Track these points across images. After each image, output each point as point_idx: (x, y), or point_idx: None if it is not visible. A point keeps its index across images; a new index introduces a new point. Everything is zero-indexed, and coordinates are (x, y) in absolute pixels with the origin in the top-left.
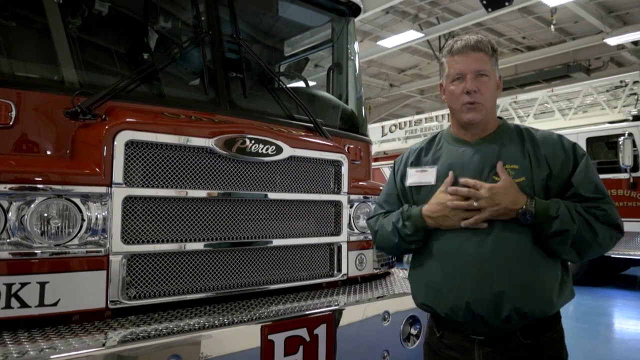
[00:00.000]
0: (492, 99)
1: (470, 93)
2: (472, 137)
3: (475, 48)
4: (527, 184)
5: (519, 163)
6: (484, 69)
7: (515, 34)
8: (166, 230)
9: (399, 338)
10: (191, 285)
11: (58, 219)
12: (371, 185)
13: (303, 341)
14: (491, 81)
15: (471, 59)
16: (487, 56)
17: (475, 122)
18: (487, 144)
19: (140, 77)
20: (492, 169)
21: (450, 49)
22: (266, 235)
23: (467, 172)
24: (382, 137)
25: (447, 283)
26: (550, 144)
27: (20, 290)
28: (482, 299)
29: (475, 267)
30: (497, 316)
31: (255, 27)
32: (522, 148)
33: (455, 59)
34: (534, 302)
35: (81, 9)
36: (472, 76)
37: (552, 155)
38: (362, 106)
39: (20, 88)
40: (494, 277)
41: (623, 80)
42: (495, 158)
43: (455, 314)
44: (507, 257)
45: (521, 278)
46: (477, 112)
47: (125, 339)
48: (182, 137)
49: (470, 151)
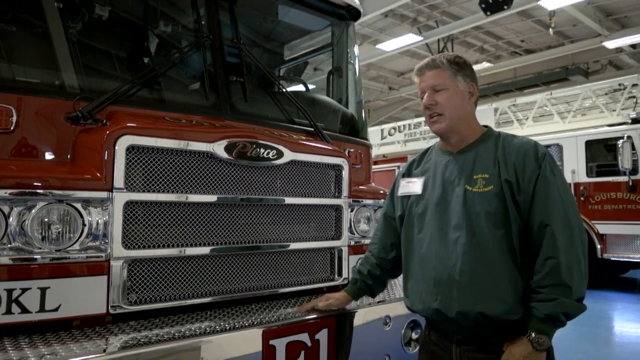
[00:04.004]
0: (454, 108)
1: (428, 107)
2: (454, 147)
3: (429, 66)
4: (494, 192)
5: (489, 172)
6: (438, 84)
7: (514, 37)
8: (167, 235)
9: (400, 342)
10: (192, 290)
11: (59, 224)
12: (372, 189)
13: (304, 346)
14: (450, 92)
15: (427, 77)
16: (443, 70)
17: (441, 132)
18: (466, 153)
19: (141, 81)
20: (464, 179)
21: (414, 74)
22: (267, 240)
23: (439, 181)
24: (382, 140)
25: (421, 287)
26: (522, 151)
27: (21, 296)
28: (450, 304)
29: (444, 272)
30: (466, 319)
31: (256, 31)
32: (494, 156)
33: (418, 81)
34: (497, 306)
35: (81, 13)
36: (429, 92)
37: (521, 162)
38: (362, 110)
39: (21, 93)
40: (461, 283)
41: (622, 83)
42: (470, 168)
43: (430, 315)
44: (472, 264)
45: (483, 284)
46: (439, 123)
47: (127, 345)
48: (183, 142)
49: (450, 161)
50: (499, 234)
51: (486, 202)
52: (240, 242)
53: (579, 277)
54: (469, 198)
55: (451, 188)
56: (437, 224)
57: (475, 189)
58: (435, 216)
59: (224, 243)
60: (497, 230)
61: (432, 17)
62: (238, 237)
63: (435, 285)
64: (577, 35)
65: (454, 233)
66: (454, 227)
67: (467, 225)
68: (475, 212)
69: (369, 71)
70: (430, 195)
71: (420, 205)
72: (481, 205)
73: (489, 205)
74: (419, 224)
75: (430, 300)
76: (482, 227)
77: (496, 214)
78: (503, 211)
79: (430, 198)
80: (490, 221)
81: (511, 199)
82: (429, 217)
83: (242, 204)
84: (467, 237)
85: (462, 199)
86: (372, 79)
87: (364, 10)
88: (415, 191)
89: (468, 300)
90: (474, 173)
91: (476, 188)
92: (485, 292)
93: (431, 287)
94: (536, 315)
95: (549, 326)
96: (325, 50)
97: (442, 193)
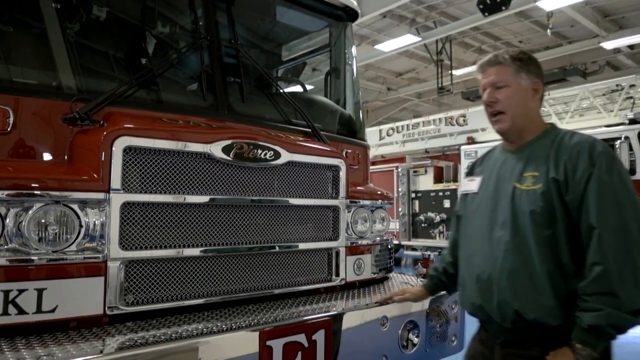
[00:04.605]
0: (517, 106)
1: (489, 104)
2: (513, 145)
3: (491, 63)
4: (542, 190)
5: (540, 170)
6: (499, 80)
7: (512, 38)
8: (164, 236)
9: (397, 343)
10: (189, 291)
11: (56, 225)
12: (369, 190)
13: (301, 347)
14: (512, 89)
15: (488, 73)
16: (505, 67)
17: (502, 132)
18: (522, 151)
19: (138, 82)
20: (515, 176)
21: (475, 71)
22: (264, 241)
23: (494, 179)
24: (380, 141)
25: (468, 284)
26: (576, 149)
27: (17, 297)
28: (491, 302)
29: (487, 270)
30: (504, 319)
31: (253, 32)
32: (547, 154)
33: (479, 78)
34: (533, 309)
35: (79, 14)
36: (489, 89)
37: (574, 161)
38: (360, 111)
39: (18, 94)
40: (500, 282)
41: (619, 84)
42: (522, 166)
43: (474, 314)
44: (513, 264)
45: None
46: (502, 122)
47: (123, 346)
48: (180, 143)
49: (507, 159)
50: (544, 234)
51: (532, 201)
52: (238, 243)
53: (633, 286)
54: (516, 196)
55: (502, 186)
56: (486, 222)
57: (523, 186)
58: (485, 214)
59: (221, 244)
60: (542, 230)
61: (430, 18)
62: (235, 238)
63: (478, 282)
64: (575, 36)
65: (500, 231)
66: (500, 225)
67: (512, 224)
68: (521, 211)
69: (368, 72)
70: (484, 193)
71: (475, 202)
72: (527, 203)
73: (534, 204)
74: (472, 221)
75: (475, 297)
76: (526, 226)
77: (542, 214)
78: (549, 211)
79: (484, 195)
80: (535, 220)
81: (558, 199)
82: (480, 214)
83: (240, 205)
84: (510, 235)
85: (510, 197)
86: (371, 79)
87: (362, 11)
88: (473, 189)
89: (505, 299)
90: (525, 171)
91: (524, 186)
92: (522, 293)
93: (476, 284)
94: (580, 325)
95: (593, 338)
96: (323, 51)
97: (494, 190)
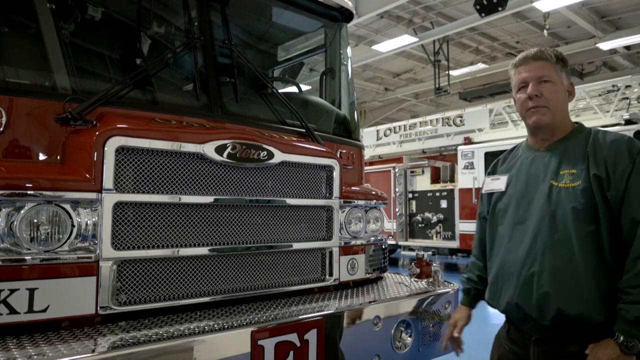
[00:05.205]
0: (558, 103)
1: (532, 98)
2: (542, 144)
3: (537, 57)
4: (582, 187)
5: (577, 167)
6: (545, 75)
7: (508, 39)
8: (156, 236)
9: (390, 343)
10: (181, 291)
11: (48, 225)
12: (363, 190)
13: (293, 346)
14: (556, 86)
15: (533, 67)
16: (550, 64)
17: (541, 125)
18: (554, 150)
19: (131, 82)
20: (550, 174)
21: (515, 63)
22: (258, 241)
23: (524, 177)
24: (377, 141)
25: (502, 282)
26: (615, 146)
27: (9, 297)
28: (529, 299)
29: (524, 268)
30: (544, 317)
31: (248, 32)
32: (583, 151)
33: (519, 70)
34: (577, 305)
35: (74, 14)
36: (534, 82)
37: (613, 157)
38: (355, 111)
39: (11, 94)
40: (540, 279)
41: (615, 84)
42: (557, 164)
43: (509, 311)
44: (553, 261)
45: (564, 281)
46: (542, 114)
47: (115, 345)
48: (173, 143)
49: (536, 157)
50: (587, 230)
51: (573, 198)
52: (231, 243)
53: None
54: (553, 193)
55: (535, 184)
56: (519, 220)
57: (561, 184)
58: (518, 212)
59: (215, 244)
60: (585, 227)
61: (427, 19)
62: (229, 238)
63: (515, 280)
64: (572, 36)
65: (536, 228)
66: (536, 223)
67: (550, 221)
68: (560, 208)
69: (365, 72)
70: (513, 191)
71: (503, 201)
72: (567, 200)
73: (575, 201)
74: (501, 220)
75: (510, 295)
76: (567, 223)
77: (584, 210)
78: (591, 207)
79: (513, 194)
80: (577, 217)
81: (600, 195)
82: (511, 212)
83: (233, 205)
84: (549, 233)
85: (547, 195)
86: (368, 80)
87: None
88: (499, 188)
89: (547, 297)
90: (561, 169)
91: (562, 183)
92: (565, 290)
93: (511, 282)
94: (625, 317)
95: (639, 329)
96: (318, 51)
97: (525, 188)
